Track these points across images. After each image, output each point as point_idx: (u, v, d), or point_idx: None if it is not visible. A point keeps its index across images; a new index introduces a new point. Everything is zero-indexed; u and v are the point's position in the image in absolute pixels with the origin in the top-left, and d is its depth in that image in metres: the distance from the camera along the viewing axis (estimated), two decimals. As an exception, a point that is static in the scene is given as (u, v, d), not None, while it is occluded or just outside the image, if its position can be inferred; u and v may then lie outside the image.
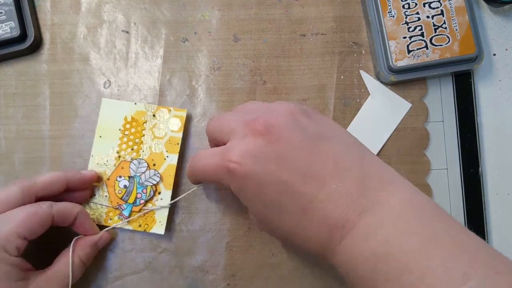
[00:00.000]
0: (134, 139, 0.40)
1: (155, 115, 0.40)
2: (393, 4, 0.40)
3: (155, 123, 0.40)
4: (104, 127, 0.40)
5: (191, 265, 0.40)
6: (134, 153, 0.40)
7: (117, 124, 0.40)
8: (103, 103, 0.41)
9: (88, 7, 0.43)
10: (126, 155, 0.40)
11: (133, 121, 0.40)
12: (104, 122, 0.40)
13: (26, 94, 0.42)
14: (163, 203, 0.39)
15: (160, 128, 0.40)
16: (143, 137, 0.40)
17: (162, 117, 0.40)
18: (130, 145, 0.40)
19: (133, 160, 0.40)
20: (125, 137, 0.40)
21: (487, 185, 0.42)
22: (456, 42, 0.40)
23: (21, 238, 0.33)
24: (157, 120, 0.40)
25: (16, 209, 0.33)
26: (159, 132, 0.40)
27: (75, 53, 0.42)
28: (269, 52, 0.42)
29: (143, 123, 0.40)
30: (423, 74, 0.41)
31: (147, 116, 0.40)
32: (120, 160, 0.40)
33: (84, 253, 0.36)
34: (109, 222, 0.39)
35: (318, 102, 0.42)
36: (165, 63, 0.42)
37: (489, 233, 0.41)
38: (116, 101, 0.41)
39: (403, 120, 0.42)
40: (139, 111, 0.41)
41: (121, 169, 0.40)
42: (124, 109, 0.41)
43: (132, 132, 0.40)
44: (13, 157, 0.41)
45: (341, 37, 0.43)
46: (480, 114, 0.42)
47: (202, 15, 0.43)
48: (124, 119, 0.40)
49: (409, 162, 0.41)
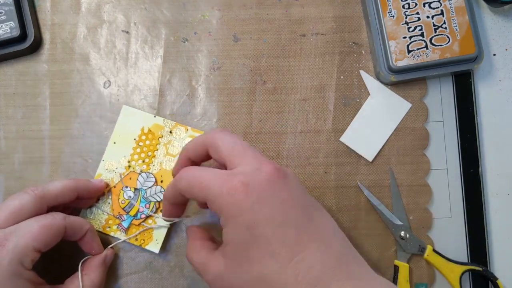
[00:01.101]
0: (147, 152, 0.40)
1: (172, 132, 0.40)
2: (393, 4, 0.40)
3: (170, 140, 0.40)
4: (120, 133, 0.40)
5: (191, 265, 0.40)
6: (145, 165, 0.40)
7: (133, 133, 0.40)
8: (123, 109, 0.41)
9: (88, 7, 0.43)
10: (136, 166, 0.40)
11: (149, 133, 0.40)
12: (120, 129, 0.40)
13: (26, 94, 0.42)
14: (163, 222, 0.38)
15: (175, 146, 0.40)
16: (156, 151, 0.40)
17: (178, 135, 0.40)
18: (142, 157, 0.40)
19: (142, 173, 0.39)
20: (139, 148, 0.40)
21: (487, 185, 0.42)
22: (456, 42, 0.40)
23: (36, 251, 0.32)
24: (173, 137, 0.40)
25: (31, 220, 0.33)
26: (173, 149, 0.40)
27: (75, 53, 0.42)
28: (269, 52, 0.42)
29: (159, 138, 0.40)
30: (423, 74, 0.41)
31: (164, 131, 0.40)
32: (130, 170, 0.40)
33: (96, 275, 0.36)
34: (107, 230, 0.39)
35: (318, 102, 0.42)
36: (165, 63, 0.42)
37: (489, 233, 0.41)
38: (135, 110, 0.41)
39: (403, 120, 0.42)
40: (157, 125, 0.40)
41: (128, 179, 0.39)
42: (142, 119, 0.40)
43: (147, 144, 0.40)
44: (13, 157, 0.41)
45: (341, 37, 0.43)
46: (480, 114, 0.42)
47: (202, 15, 0.43)
48: (141, 129, 0.40)
49: (409, 162, 0.41)
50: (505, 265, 0.40)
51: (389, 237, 0.40)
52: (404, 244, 0.39)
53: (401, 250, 0.40)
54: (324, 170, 0.41)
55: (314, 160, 0.41)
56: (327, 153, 0.41)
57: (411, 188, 0.41)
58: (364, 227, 0.40)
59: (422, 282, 0.40)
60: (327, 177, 0.41)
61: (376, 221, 0.40)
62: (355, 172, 0.41)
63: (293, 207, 0.29)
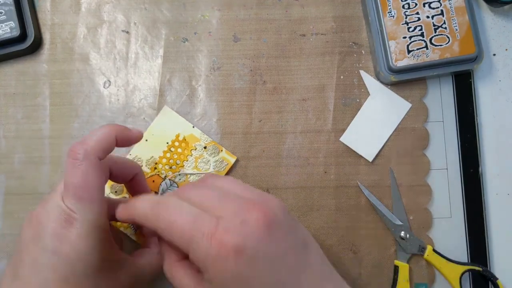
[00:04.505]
0: (176, 159, 0.40)
1: (206, 147, 0.40)
2: (393, 4, 0.40)
3: (202, 154, 0.40)
4: (154, 133, 0.40)
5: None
6: (170, 172, 0.39)
7: (168, 137, 0.40)
8: (163, 110, 0.40)
9: (88, 7, 0.43)
10: (162, 171, 0.39)
11: (183, 141, 0.40)
12: (156, 128, 0.40)
13: (26, 94, 0.42)
14: None
15: (204, 162, 0.40)
16: (186, 162, 0.39)
17: (212, 152, 0.40)
18: (170, 163, 0.39)
19: (166, 179, 0.39)
20: (169, 152, 0.40)
21: (487, 185, 0.42)
22: (456, 42, 0.40)
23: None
24: (206, 152, 0.40)
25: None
26: (202, 165, 0.39)
27: (75, 53, 0.42)
28: (269, 52, 0.42)
29: (192, 149, 0.40)
30: (423, 74, 0.41)
31: (198, 144, 0.40)
32: (155, 172, 0.39)
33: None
34: (117, 223, 0.38)
35: (318, 102, 0.42)
36: (165, 63, 0.42)
37: (489, 233, 0.41)
38: (176, 114, 0.41)
39: (403, 120, 0.42)
40: (193, 135, 0.40)
41: (151, 182, 0.39)
42: (180, 125, 0.40)
43: (178, 152, 0.40)
44: (13, 156, 0.41)
45: (341, 37, 0.43)
46: (480, 114, 0.42)
47: (202, 15, 0.43)
48: (176, 135, 0.40)
49: (409, 162, 0.41)
50: (505, 265, 0.40)
51: (389, 237, 0.40)
52: (404, 244, 0.39)
53: (401, 250, 0.40)
54: (324, 170, 0.41)
55: (314, 160, 0.41)
56: (327, 153, 0.41)
57: (411, 188, 0.41)
58: (364, 227, 0.40)
59: (422, 282, 0.40)
60: (327, 177, 0.41)
61: (376, 221, 0.40)
62: (355, 172, 0.41)
63: (286, 263, 0.27)
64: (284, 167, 0.41)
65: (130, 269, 0.32)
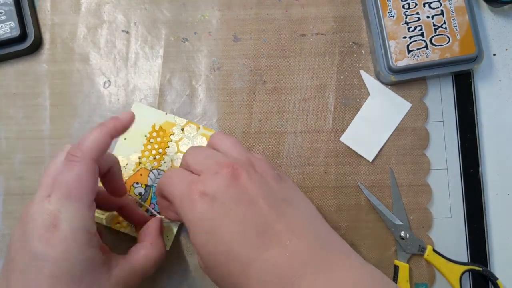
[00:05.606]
0: (158, 149, 0.40)
1: (184, 130, 0.40)
2: (393, 4, 0.40)
3: (181, 137, 0.40)
4: (130, 129, 0.40)
5: (191, 265, 0.40)
6: (156, 162, 0.40)
7: (144, 130, 0.40)
8: (134, 106, 0.41)
9: (88, 7, 0.43)
10: (147, 163, 0.40)
11: (160, 130, 0.40)
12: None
13: (26, 94, 0.42)
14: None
15: (186, 144, 0.40)
16: (167, 149, 0.40)
17: (190, 132, 0.40)
18: (153, 154, 0.40)
19: (153, 170, 0.40)
20: (150, 144, 0.40)
21: (487, 185, 0.42)
22: (456, 42, 0.40)
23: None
24: (184, 134, 0.40)
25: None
26: (184, 147, 0.40)
27: (75, 53, 0.42)
28: (269, 52, 0.42)
29: (170, 135, 0.40)
30: (423, 74, 0.41)
31: (175, 128, 0.40)
32: (140, 167, 0.40)
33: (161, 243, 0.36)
34: (117, 226, 0.39)
35: (318, 102, 0.42)
36: (165, 63, 0.42)
37: (489, 233, 0.41)
38: (147, 107, 0.41)
39: (403, 120, 0.42)
40: (168, 122, 0.40)
41: (139, 176, 0.39)
42: (153, 116, 0.41)
43: (158, 141, 0.40)
44: (13, 157, 0.41)
45: (341, 37, 0.43)
46: (480, 114, 0.42)
47: (202, 15, 0.43)
48: (152, 126, 0.40)
49: (409, 162, 0.41)
50: (505, 265, 0.40)
51: (389, 237, 0.40)
52: (404, 244, 0.39)
53: (401, 250, 0.40)
54: (324, 170, 0.41)
55: (314, 160, 0.41)
56: (327, 153, 0.41)
57: (411, 188, 0.41)
58: (364, 227, 0.40)
59: (422, 282, 0.40)
60: (327, 177, 0.41)
61: (376, 221, 0.40)
62: (355, 172, 0.41)
63: (254, 208, 0.29)
64: (284, 167, 0.41)
65: (123, 267, 0.32)
